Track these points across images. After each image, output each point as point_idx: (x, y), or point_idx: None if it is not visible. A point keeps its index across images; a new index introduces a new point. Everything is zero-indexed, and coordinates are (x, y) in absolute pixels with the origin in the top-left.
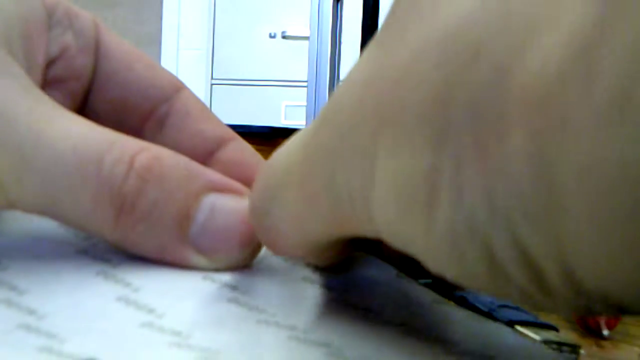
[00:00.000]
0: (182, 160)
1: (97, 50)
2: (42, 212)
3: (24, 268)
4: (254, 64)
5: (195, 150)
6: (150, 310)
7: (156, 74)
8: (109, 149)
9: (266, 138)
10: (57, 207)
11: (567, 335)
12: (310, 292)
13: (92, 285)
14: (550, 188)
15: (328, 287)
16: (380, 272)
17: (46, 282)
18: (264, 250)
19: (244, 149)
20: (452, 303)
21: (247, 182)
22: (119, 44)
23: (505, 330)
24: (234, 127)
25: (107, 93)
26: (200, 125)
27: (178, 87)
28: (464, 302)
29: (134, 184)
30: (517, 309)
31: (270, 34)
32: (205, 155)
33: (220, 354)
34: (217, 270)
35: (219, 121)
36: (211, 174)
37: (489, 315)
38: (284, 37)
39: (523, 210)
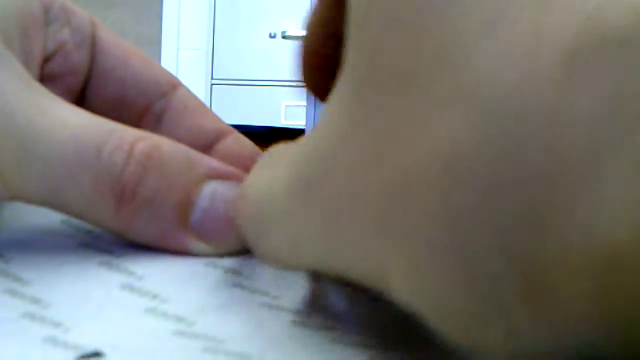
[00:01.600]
0: (182, 148)
1: (93, 46)
2: (44, 202)
3: (27, 261)
4: (254, 64)
5: (194, 144)
6: (154, 296)
7: (152, 70)
8: (108, 137)
9: (266, 138)
10: (59, 197)
11: None
12: (311, 275)
13: (96, 275)
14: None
15: None
16: None
17: (50, 273)
18: None
19: (242, 142)
20: None
21: (247, 174)
22: (115, 40)
23: None
24: (234, 127)
25: (104, 89)
26: (198, 120)
27: (174, 84)
28: None
29: (134, 171)
30: None
31: (270, 34)
32: (204, 149)
33: (224, 343)
34: (219, 256)
35: (215, 116)
36: (211, 161)
37: None
38: (284, 37)
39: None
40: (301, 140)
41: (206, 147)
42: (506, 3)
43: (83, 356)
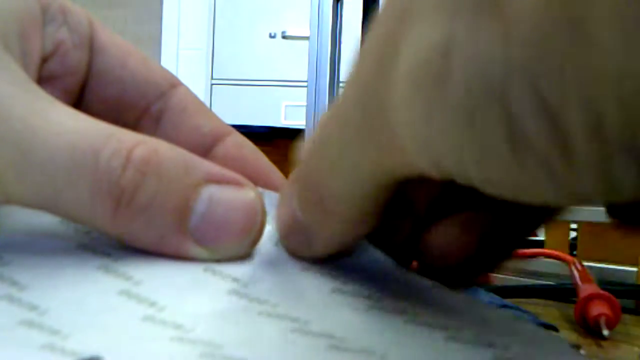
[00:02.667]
0: (180, 153)
1: (91, 46)
2: (42, 206)
3: (25, 263)
4: (254, 64)
5: (193, 146)
6: (152, 304)
7: (151, 70)
8: (105, 142)
9: (266, 138)
10: (56, 202)
11: (567, 335)
12: (310, 282)
13: (93, 280)
14: (577, 28)
15: (327, 276)
16: (378, 261)
17: (47, 277)
18: (263, 241)
19: (242, 144)
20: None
21: (246, 177)
22: (114, 40)
23: (506, 315)
24: (234, 127)
25: (102, 89)
26: (197, 121)
27: (173, 83)
28: None
29: (132, 176)
30: (517, 308)
31: (270, 34)
32: (204, 151)
33: (222, 349)
34: (218, 261)
35: (215, 116)
36: (209, 166)
37: None
38: (284, 37)
39: (542, 56)
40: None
41: (206, 149)
42: None
43: None
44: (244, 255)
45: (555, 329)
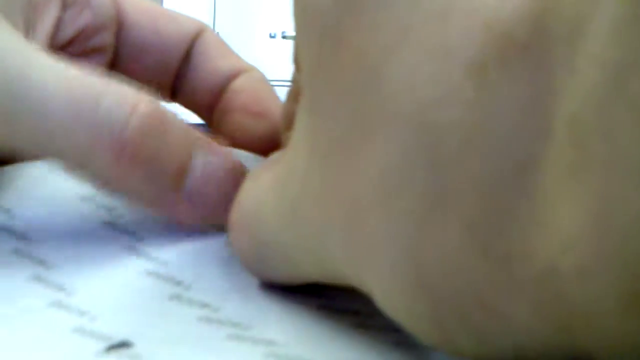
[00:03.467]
0: (178, 115)
1: (119, 23)
2: (39, 153)
3: (50, 242)
4: (254, 64)
5: (211, 88)
6: (178, 282)
7: (179, 26)
8: (105, 90)
9: None
10: (52, 147)
11: None
12: None
13: (119, 259)
14: None
15: None
16: None
17: (73, 256)
18: None
19: (255, 81)
20: None
21: (260, 108)
22: (141, 8)
23: None
24: None
25: (136, 58)
26: (217, 63)
27: (198, 32)
28: None
29: (138, 130)
30: None
31: (270, 34)
32: (220, 89)
33: (250, 329)
34: (208, 225)
35: (235, 57)
36: (201, 134)
37: None
38: (284, 37)
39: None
40: (283, 161)
41: (222, 86)
42: (410, 19)
43: (111, 347)
44: None
45: None
